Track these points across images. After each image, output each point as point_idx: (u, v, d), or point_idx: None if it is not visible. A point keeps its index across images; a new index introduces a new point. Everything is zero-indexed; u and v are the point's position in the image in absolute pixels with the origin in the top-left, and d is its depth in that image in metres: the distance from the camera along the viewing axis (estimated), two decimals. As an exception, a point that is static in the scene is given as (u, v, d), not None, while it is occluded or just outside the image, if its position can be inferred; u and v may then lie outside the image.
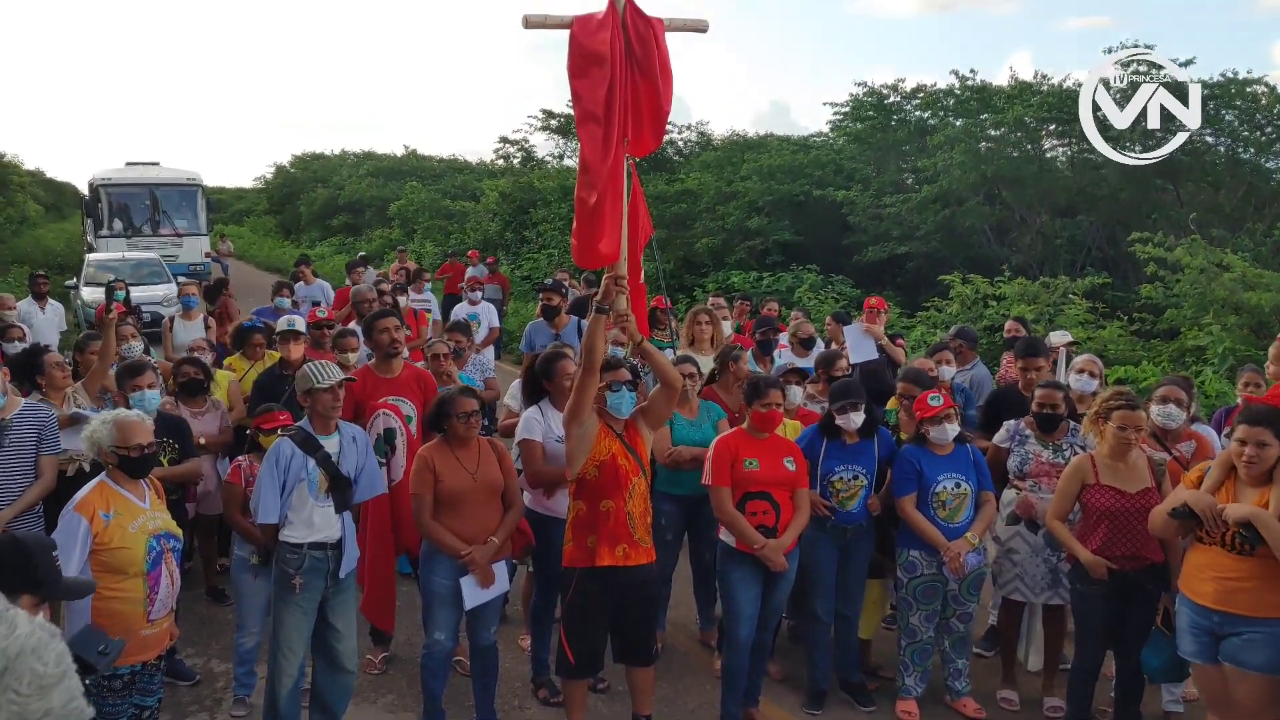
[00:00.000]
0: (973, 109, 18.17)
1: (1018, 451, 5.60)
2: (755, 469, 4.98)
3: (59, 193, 57.40)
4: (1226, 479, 4.34)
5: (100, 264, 19.59)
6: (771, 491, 4.98)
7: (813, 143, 23.62)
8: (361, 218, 38.77)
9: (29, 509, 5.26)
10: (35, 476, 5.27)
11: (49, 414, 5.46)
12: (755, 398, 5.06)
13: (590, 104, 4.25)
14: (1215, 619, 4.27)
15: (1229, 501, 4.24)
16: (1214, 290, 10.94)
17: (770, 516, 4.96)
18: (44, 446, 5.31)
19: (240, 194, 63.20)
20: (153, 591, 4.06)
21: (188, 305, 10.04)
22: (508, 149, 35.44)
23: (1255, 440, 4.19)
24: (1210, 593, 4.28)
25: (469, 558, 4.76)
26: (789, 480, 5.05)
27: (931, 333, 13.35)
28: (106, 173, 27.07)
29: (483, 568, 4.80)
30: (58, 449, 5.39)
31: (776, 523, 4.97)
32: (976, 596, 5.38)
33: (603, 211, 4.28)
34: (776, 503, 4.97)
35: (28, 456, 5.25)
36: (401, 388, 5.90)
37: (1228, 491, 4.31)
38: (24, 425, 5.27)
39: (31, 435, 5.28)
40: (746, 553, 4.96)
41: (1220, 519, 4.19)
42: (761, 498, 4.97)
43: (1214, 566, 4.28)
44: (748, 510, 4.96)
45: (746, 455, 4.99)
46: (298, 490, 4.62)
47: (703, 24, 4.57)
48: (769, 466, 5.00)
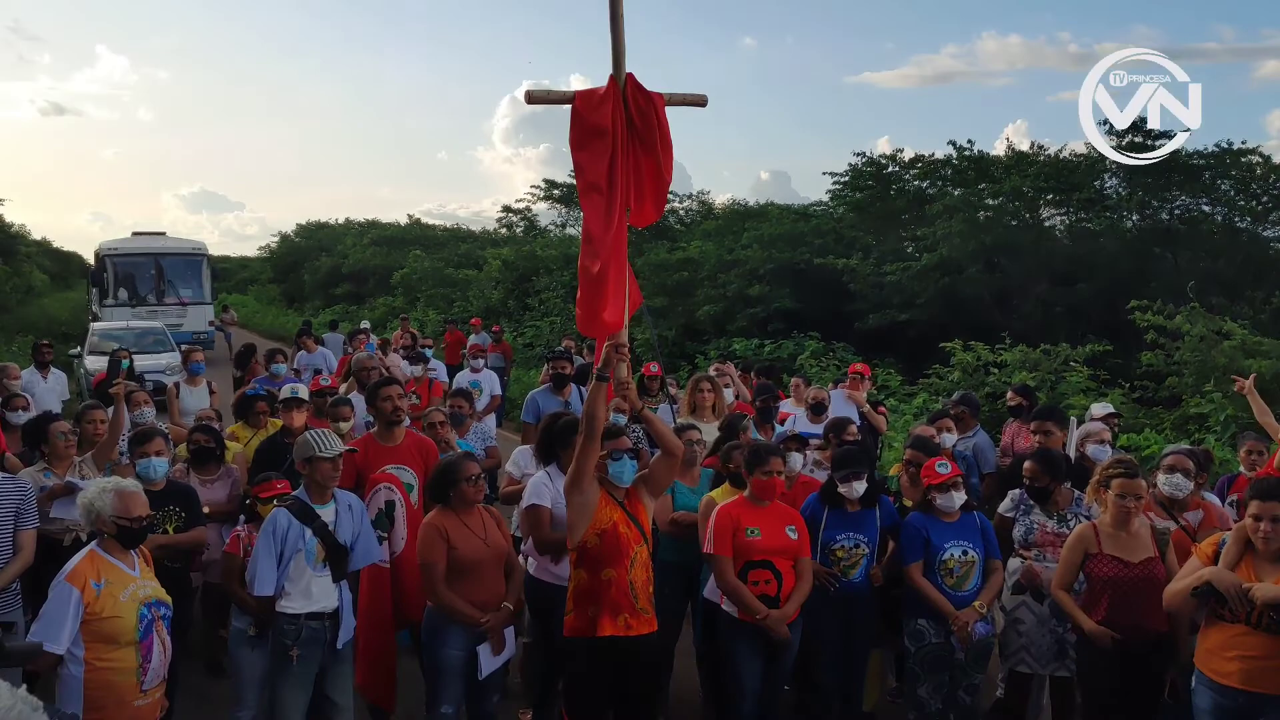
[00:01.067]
0: (970, 178, 18.41)
1: (1022, 521, 5.57)
2: (757, 538, 4.95)
3: (65, 262, 57.98)
4: (1245, 554, 4.25)
5: (104, 333, 19.68)
6: (774, 560, 4.95)
7: (813, 212, 23.89)
8: (365, 286, 39.08)
9: (7, 585, 5.15)
10: (14, 552, 5.17)
11: (28, 487, 5.37)
12: (756, 465, 5.05)
13: (593, 175, 4.32)
14: (1241, 700, 4.13)
15: (1249, 578, 4.15)
16: (1214, 358, 10.97)
17: (773, 586, 4.92)
18: (22, 520, 5.20)
19: (244, 262, 63.83)
20: (145, 661, 4.01)
21: (194, 372, 10.05)
22: (510, 218, 35.88)
23: (1270, 515, 4.13)
24: (1236, 672, 4.14)
25: (488, 624, 4.72)
26: (791, 549, 5.02)
27: (934, 400, 13.35)
28: (113, 243, 27.40)
29: (498, 635, 4.77)
30: (35, 523, 5.30)
31: (779, 592, 4.92)
32: (984, 668, 5.31)
33: (606, 280, 4.32)
34: (779, 571, 4.94)
35: (6, 532, 5.14)
36: (403, 456, 5.88)
37: (1248, 567, 4.22)
38: (2, 500, 5.17)
39: (9, 510, 5.17)
40: (750, 624, 4.90)
41: (1247, 599, 4.09)
42: (764, 566, 4.93)
43: (1239, 646, 4.14)
44: (750, 579, 4.91)
45: (748, 524, 4.97)
46: (295, 560, 4.59)
47: (702, 99, 4.65)
48: (771, 535, 4.97)
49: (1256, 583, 4.11)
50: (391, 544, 5.54)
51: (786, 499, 5.37)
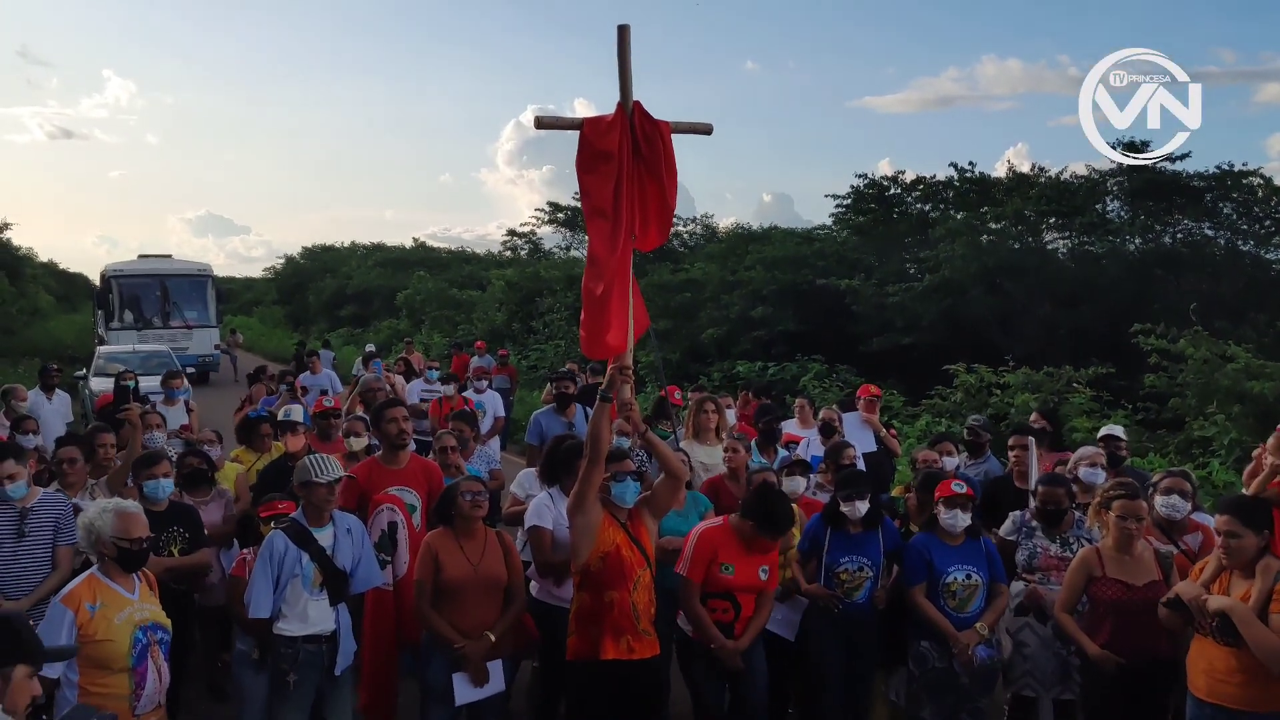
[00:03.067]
0: (972, 201, 18.48)
1: (1025, 545, 5.56)
2: (730, 575, 4.93)
3: (71, 284, 58.28)
4: (1224, 571, 4.31)
5: (110, 356, 19.72)
6: (737, 596, 4.95)
7: (816, 234, 23.96)
8: (369, 308, 39.21)
9: (45, 599, 5.20)
10: (52, 567, 5.25)
11: (66, 504, 5.45)
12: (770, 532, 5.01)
13: (599, 200, 4.36)
14: (1208, 711, 4.20)
15: (1220, 593, 4.21)
16: (1218, 380, 10.97)
17: (729, 614, 4.93)
18: (61, 537, 5.29)
19: (249, 284, 64.05)
20: (139, 687, 3.99)
21: (171, 396, 10.36)
22: (515, 241, 36.01)
23: (1225, 530, 4.19)
24: (1203, 685, 4.23)
25: (462, 650, 4.70)
26: (757, 588, 5.02)
27: (937, 422, 13.35)
28: (119, 265, 27.49)
29: (476, 664, 4.73)
30: (74, 540, 5.37)
31: (734, 619, 4.93)
32: (989, 691, 5.28)
33: (610, 303, 4.36)
34: (739, 603, 4.94)
35: (46, 547, 5.24)
36: (407, 478, 5.89)
37: (1221, 584, 4.27)
38: (44, 514, 5.26)
39: (50, 525, 5.27)
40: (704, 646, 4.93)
41: (1204, 609, 4.17)
42: (724, 597, 4.94)
43: (1205, 658, 4.24)
44: (708, 605, 4.92)
45: (725, 559, 4.94)
46: (292, 584, 4.59)
47: (707, 127, 4.71)
48: (743, 574, 4.95)
49: (1212, 595, 4.19)
50: (395, 566, 5.54)
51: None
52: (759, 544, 4.96)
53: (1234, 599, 4.12)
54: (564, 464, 5.41)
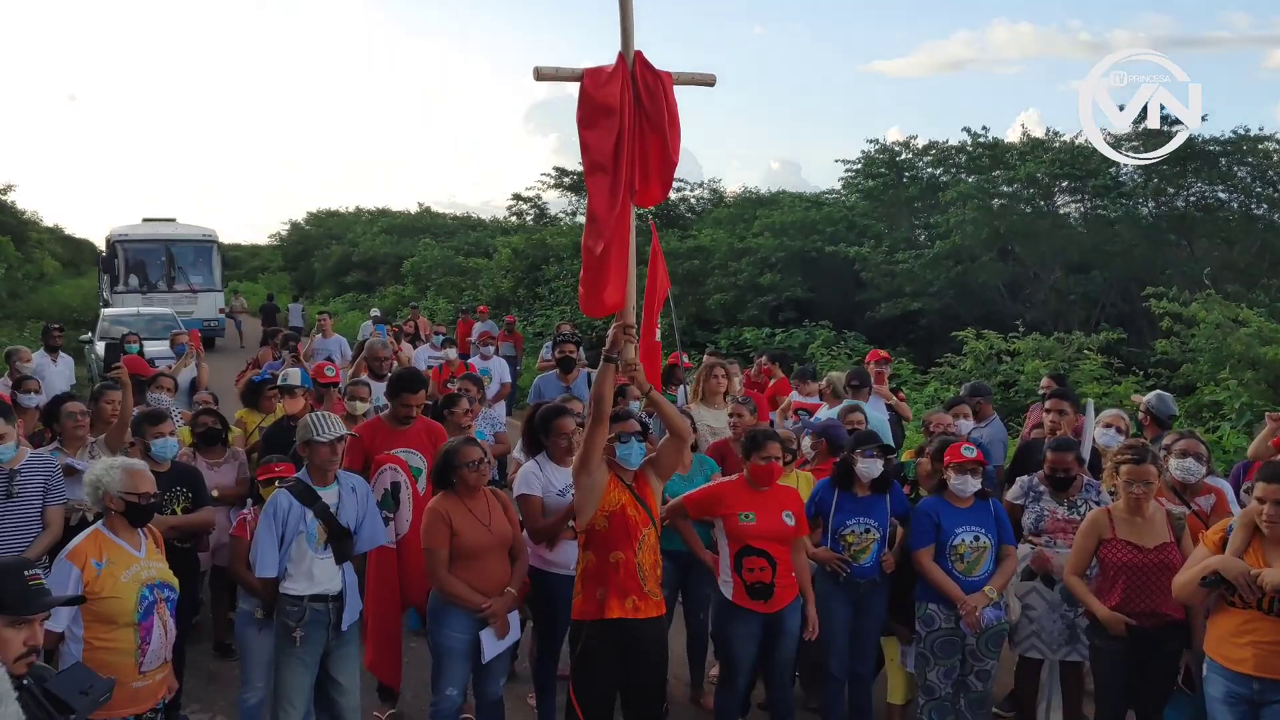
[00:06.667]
0: (984, 166, 18.29)
1: (1032, 508, 5.51)
2: (752, 523, 4.91)
3: (76, 249, 58.25)
4: (1253, 539, 4.20)
5: (114, 319, 19.72)
6: (769, 549, 4.91)
7: (825, 200, 23.78)
8: (375, 275, 39.13)
9: (37, 560, 5.22)
10: (42, 527, 5.26)
11: (54, 465, 5.46)
12: (753, 450, 5.01)
13: (599, 154, 4.26)
14: (1256, 686, 4.08)
15: (1258, 563, 4.10)
16: (1230, 345, 10.87)
17: (766, 573, 4.90)
18: (50, 497, 5.30)
19: (255, 250, 63.96)
20: (144, 642, 3.99)
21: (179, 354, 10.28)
22: (521, 206, 35.81)
23: (1274, 499, 4.08)
24: (1250, 659, 4.09)
25: (490, 611, 4.69)
26: (787, 535, 5.00)
27: (945, 389, 13.28)
28: (124, 229, 27.42)
29: (502, 620, 4.75)
30: (64, 499, 5.36)
31: (773, 579, 4.90)
32: (995, 653, 5.25)
33: (609, 261, 4.27)
34: (774, 560, 4.91)
35: (35, 507, 5.24)
36: (412, 440, 5.87)
37: (1256, 553, 4.16)
38: (31, 476, 5.26)
39: (38, 486, 5.27)
40: (744, 608, 4.90)
41: (1256, 585, 4.03)
42: (759, 554, 4.90)
43: (1251, 632, 4.10)
44: (745, 566, 4.90)
45: (742, 509, 4.93)
46: (296, 542, 4.56)
47: (710, 78, 4.59)
48: (766, 521, 4.93)
49: (1265, 569, 4.06)
50: (396, 526, 5.52)
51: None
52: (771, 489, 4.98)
53: None
54: (542, 428, 5.37)
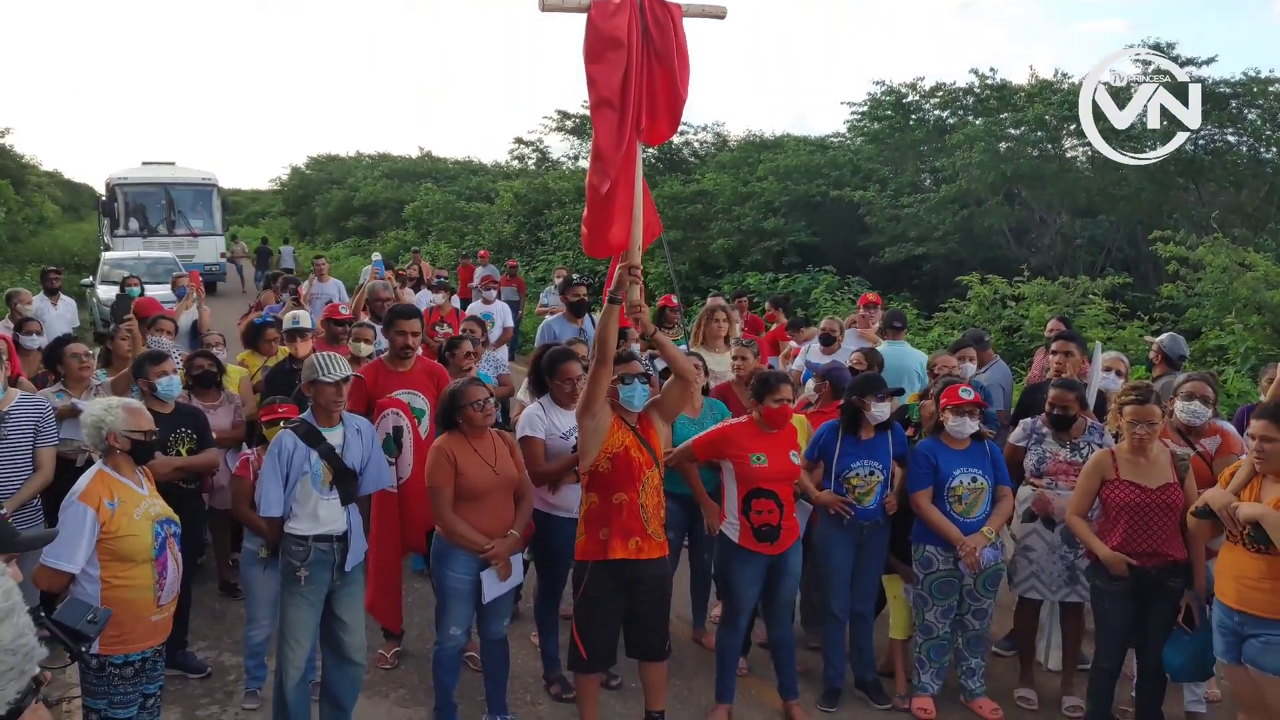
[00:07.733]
0: (992, 108, 18.02)
1: (1034, 450, 5.52)
2: (764, 465, 4.92)
3: (76, 193, 57.93)
4: (1255, 477, 4.27)
5: (116, 262, 19.65)
6: (777, 490, 4.93)
7: (830, 143, 23.49)
8: (376, 220, 38.86)
9: (28, 501, 5.25)
10: (34, 469, 5.26)
11: (45, 406, 5.44)
12: (766, 393, 4.99)
13: (605, 90, 4.17)
14: (1236, 619, 4.22)
15: (1251, 499, 4.18)
16: (1236, 289, 10.81)
17: (775, 515, 4.91)
18: (41, 439, 5.29)
19: (255, 195, 63.56)
20: (161, 576, 4.03)
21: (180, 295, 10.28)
22: (523, 150, 35.46)
23: (1262, 435, 4.17)
24: (1232, 592, 4.24)
25: (492, 552, 4.71)
26: (795, 474, 5.04)
27: (949, 334, 13.25)
28: (123, 172, 27.25)
29: (504, 561, 4.76)
30: (55, 441, 5.36)
31: (780, 521, 4.92)
32: (993, 593, 5.29)
33: (614, 199, 4.22)
34: (781, 502, 4.93)
35: (25, 449, 5.23)
36: (414, 381, 5.84)
37: (1252, 490, 4.25)
38: (21, 418, 5.24)
39: (29, 428, 5.26)
40: (749, 549, 4.92)
41: (1235, 517, 4.15)
42: (767, 496, 4.91)
43: (1235, 566, 4.24)
44: (753, 508, 4.91)
45: (754, 450, 4.94)
46: (301, 483, 4.56)
47: (720, 10, 4.48)
48: (776, 461, 4.95)
49: (1243, 502, 4.17)
50: (398, 469, 5.53)
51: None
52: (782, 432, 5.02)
53: (1266, 506, 4.09)
54: (549, 370, 5.36)
